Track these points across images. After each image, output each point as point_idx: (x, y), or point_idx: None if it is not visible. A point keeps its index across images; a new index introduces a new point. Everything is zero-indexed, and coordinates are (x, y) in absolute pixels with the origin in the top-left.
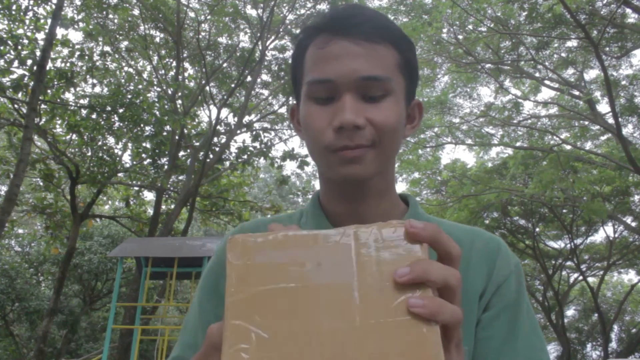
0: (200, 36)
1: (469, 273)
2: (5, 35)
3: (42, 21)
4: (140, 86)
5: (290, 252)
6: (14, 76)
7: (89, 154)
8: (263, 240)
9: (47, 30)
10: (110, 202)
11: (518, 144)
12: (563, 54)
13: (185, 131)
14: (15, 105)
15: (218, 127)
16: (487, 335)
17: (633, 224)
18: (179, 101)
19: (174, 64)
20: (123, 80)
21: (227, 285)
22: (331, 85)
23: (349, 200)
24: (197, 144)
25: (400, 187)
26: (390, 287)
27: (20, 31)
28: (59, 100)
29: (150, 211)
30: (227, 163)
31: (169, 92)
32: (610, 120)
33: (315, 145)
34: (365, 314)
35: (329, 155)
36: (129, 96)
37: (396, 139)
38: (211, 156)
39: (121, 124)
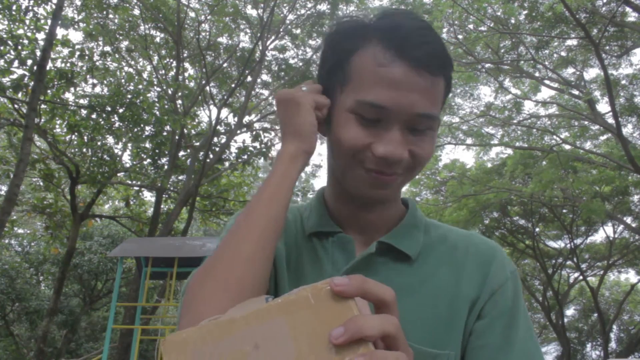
0: (201, 36)
1: (462, 279)
2: (5, 35)
3: (42, 21)
4: (140, 86)
5: (226, 341)
6: (14, 76)
7: (89, 154)
8: (197, 336)
9: (47, 30)
10: (110, 202)
11: (518, 143)
12: (563, 53)
13: (185, 131)
14: (15, 105)
15: (218, 127)
16: (480, 344)
17: (633, 224)
18: (179, 101)
19: (174, 64)
20: (123, 80)
21: None
22: (384, 111)
23: (357, 207)
24: (197, 144)
25: None
26: (330, 351)
27: (21, 31)
28: (59, 100)
29: (150, 211)
30: (227, 163)
31: (169, 92)
32: (610, 120)
33: (347, 159)
34: None
35: (362, 172)
36: (129, 96)
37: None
38: (211, 156)
39: (121, 124)
